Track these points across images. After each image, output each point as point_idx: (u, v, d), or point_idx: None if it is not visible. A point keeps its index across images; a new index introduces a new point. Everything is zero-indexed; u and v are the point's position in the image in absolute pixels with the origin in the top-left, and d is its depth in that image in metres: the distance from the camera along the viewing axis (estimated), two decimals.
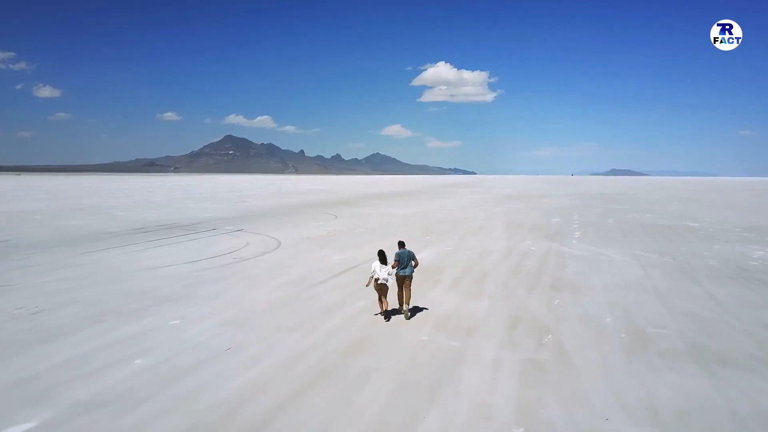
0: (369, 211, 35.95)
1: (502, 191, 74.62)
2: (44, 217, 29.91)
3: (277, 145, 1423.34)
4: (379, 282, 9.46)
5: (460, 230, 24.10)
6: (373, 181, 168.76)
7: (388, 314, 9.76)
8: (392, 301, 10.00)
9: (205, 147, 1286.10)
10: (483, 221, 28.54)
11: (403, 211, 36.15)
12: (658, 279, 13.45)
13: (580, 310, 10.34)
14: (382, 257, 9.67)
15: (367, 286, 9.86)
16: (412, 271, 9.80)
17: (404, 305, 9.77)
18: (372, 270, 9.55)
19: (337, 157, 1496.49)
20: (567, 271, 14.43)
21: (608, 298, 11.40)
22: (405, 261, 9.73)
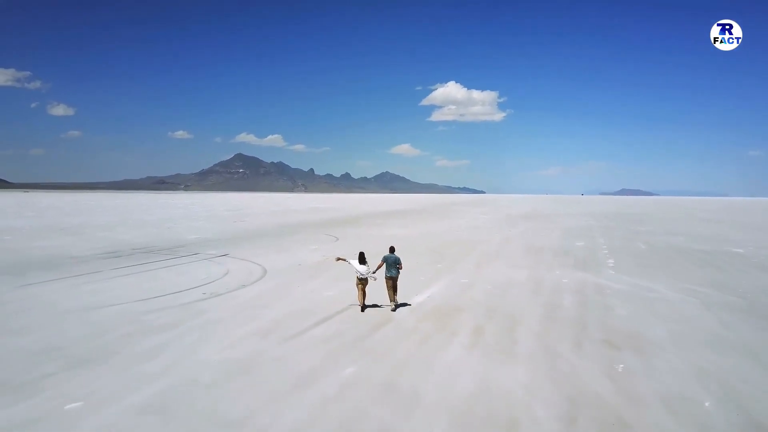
0: (374, 231, 32.93)
1: (514, 210, 71.41)
2: (16, 237, 27.35)
3: (287, 164, 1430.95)
4: (359, 278, 11.04)
5: (474, 256, 21.04)
6: (381, 199, 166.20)
7: (365, 307, 11.27)
8: (379, 299, 11.94)
9: (215, 165, 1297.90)
10: (499, 245, 25.45)
11: (412, 231, 33.10)
12: (739, 328, 10.28)
13: (658, 386, 7.22)
14: (361, 258, 11.17)
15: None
16: (398, 274, 11.28)
17: (393, 301, 11.37)
18: (355, 271, 11.07)
19: (347, 176, 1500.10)
20: (617, 316, 11.31)
21: (688, 360, 8.27)
22: (390, 264, 11.14)
